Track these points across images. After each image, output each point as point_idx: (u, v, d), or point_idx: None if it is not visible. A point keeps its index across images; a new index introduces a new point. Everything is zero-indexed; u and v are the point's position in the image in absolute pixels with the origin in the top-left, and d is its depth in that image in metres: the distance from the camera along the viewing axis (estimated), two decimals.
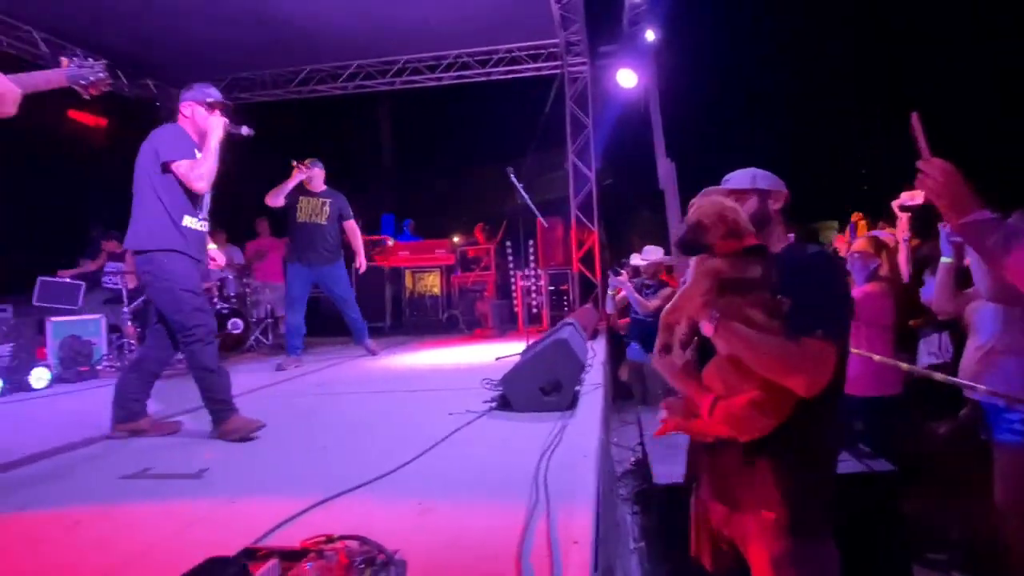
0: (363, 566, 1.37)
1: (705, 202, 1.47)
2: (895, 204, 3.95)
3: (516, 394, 3.09)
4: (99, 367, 5.49)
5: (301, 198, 5.47)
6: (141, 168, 2.95)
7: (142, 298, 5.87)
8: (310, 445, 2.75)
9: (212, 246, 3.47)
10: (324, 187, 5.60)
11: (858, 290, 3.57)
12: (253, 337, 6.78)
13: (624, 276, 5.21)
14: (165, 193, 2.92)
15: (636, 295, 5.04)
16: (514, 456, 2.36)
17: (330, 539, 1.45)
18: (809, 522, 1.42)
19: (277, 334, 7.33)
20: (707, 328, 1.40)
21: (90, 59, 1.75)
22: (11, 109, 1.40)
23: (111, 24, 7.00)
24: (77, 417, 3.65)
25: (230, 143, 3.12)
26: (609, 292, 5.59)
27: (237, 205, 8.21)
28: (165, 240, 2.89)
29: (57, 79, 1.58)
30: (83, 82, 1.68)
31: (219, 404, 2.89)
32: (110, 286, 6.59)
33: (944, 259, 2.55)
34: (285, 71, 9.05)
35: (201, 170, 2.90)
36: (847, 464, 3.11)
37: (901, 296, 3.49)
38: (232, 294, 6.63)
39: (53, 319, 5.42)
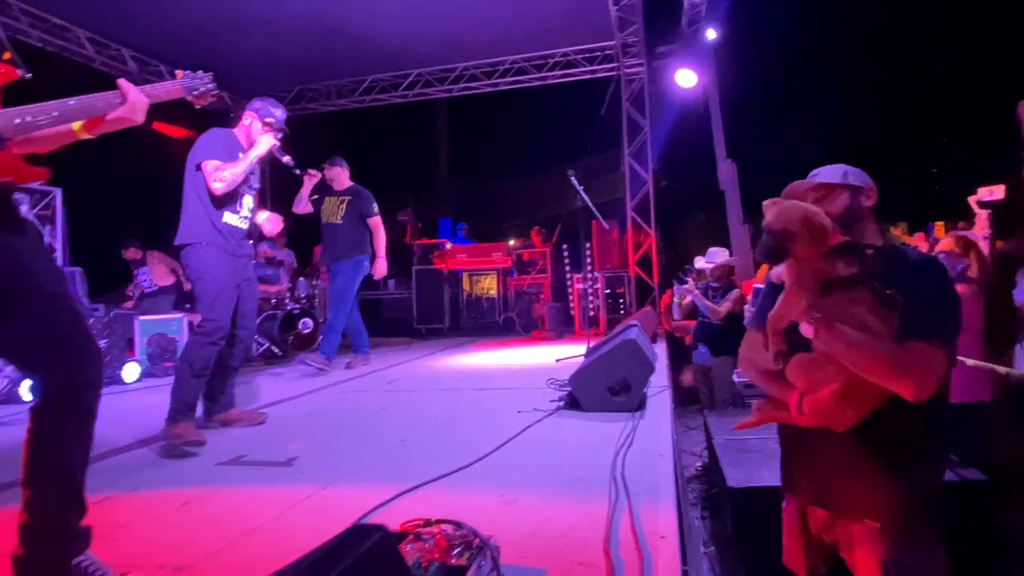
0: (460, 549, 1.44)
1: (786, 207, 1.43)
2: (972, 200, 3.76)
3: (584, 394, 3.12)
4: None
5: (326, 199, 5.33)
6: (186, 168, 3.06)
7: None
8: (389, 439, 2.86)
9: (263, 215, 3.40)
10: (348, 184, 5.38)
11: None
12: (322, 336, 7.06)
13: (690, 283, 5.09)
14: (202, 191, 2.99)
15: (706, 302, 4.91)
16: (588, 453, 2.39)
17: (428, 522, 1.53)
18: (918, 530, 1.37)
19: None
20: (807, 330, 1.38)
21: (200, 71, 1.89)
22: (140, 118, 1.54)
23: (190, 41, 7.46)
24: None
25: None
26: (675, 300, 5.48)
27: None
28: (200, 235, 2.98)
29: (175, 90, 1.72)
30: (195, 93, 1.82)
31: (182, 404, 2.85)
32: (146, 288, 7.02)
33: None
34: (349, 81, 9.39)
35: (224, 172, 2.94)
36: None
37: (992, 298, 3.32)
38: (303, 295, 6.93)
39: (140, 318, 5.81)
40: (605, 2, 7.40)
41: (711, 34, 7.65)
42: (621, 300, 8.12)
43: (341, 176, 5.37)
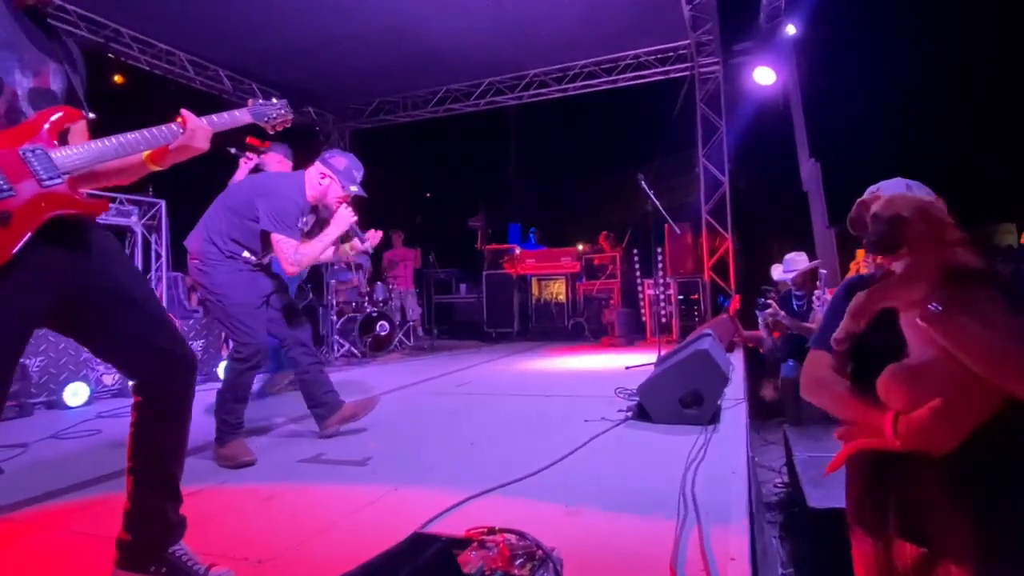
0: (523, 560, 1.45)
1: (896, 196, 1.36)
2: None
3: (654, 405, 3.06)
4: None
5: None
6: (240, 200, 2.86)
7: (304, 302, 6.57)
8: (459, 442, 2.93)
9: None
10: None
11: None
12: (397, 338, 7.32)
13: (773, 307, 4.63)
14: (248, 232, 2.84)
15: (800, 324, 4.43)
16: (656, 467, 2.35)
17: (492, 531, 1.56)
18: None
19: (416, 336, 7.87)
20: (924, 317, 1.26)
21: (273, 97, 1.98)
22: (204, 145, 1.62)
23: (279, 59, 7.94)
24: (257, 406, 4.18)
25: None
26: (760, 323, 5.07)
27: (374, 218, 8.93)
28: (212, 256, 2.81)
29: (243, 117, 1.82)
30: (266, 119, 1.92)
31: (227, 426, 2.75)
32: None
33: None
34: (424, 93, 9.68)
35: (301, 257, 2.80)
36: None
37: None
38: (380, 299, 7.22)
39: None
40: (678, 2, 7.24)
41: (791, 29, 7.31)
42: (696, 307, 7.89)
43: (278, 164, 4.42)
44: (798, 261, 4.65)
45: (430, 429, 3.22)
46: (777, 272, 4.87)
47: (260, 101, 1.93)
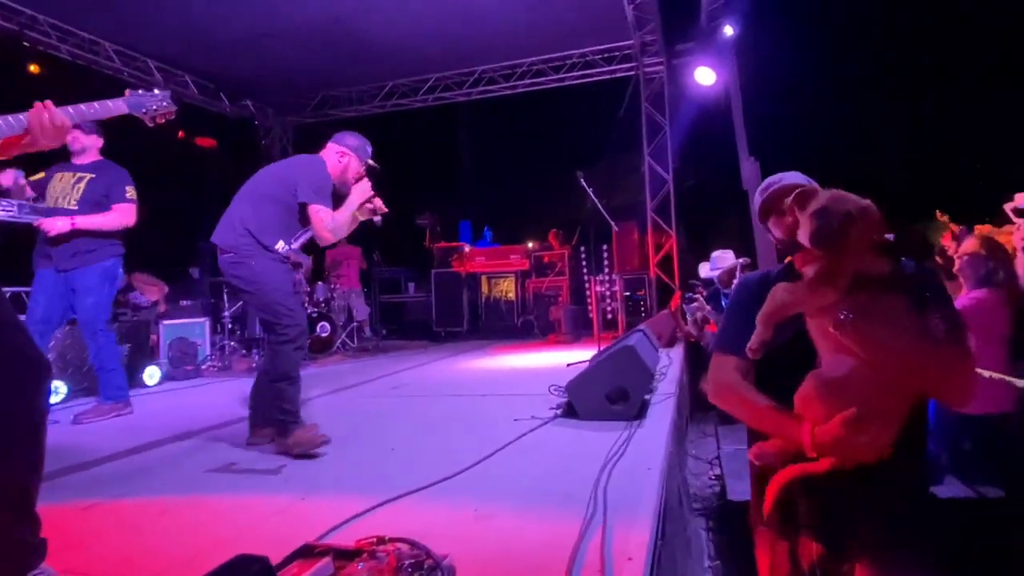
0: (411, 570, 1.40)
1: (838, 193, 1.33)
2: (1008, 208, 3.55)
3: (582, 401, 3.05)
4: (203, 367, 5.98)
5: (57, 173, 3.76)
6: (274, 183, 2.90)
7: (239, 303, 6.34)
8: (380, 446, 2.84)
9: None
10: (97, 158, 3.87)
11: (967, 296, 3.23)
12: (340, 340, 7.14)
13: (699, 301, 4.77)
14: (282, 217, 2.88)
15: (719, 317, 4.65)
16: (576, 465, 2.32)
17: (382, 540, 1.49)
18: (922, 559, 1.30)
19: (362, 337, 7.69)
20: (836, 325, 1.26)
21: (155, 89, 1.84)
22: (51, 143, 1.49)
23: (215, 51, 7.64)
24: (179, 412, 4.00)
25: None
26: (688, 318, 5.20)
27: None
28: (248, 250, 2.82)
29: (117, 108, 1.68)
30: (144, 111, 1.77)
31: (291, 415, 2.76)
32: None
33: None
34: (370, 87, 9.49)
35: (333, 224, 2.85)
36: (952, 488, 2.82)
37: (1019, 305, 3.12)
38: (321, 299, 7.02)
39: (165, 323, 5.96)
40: (621, 1, 7.30)
41: (729, 31, 7.47)
42: (642, 303, 7.98)
43: (85, 143, 3.80)
44: (725, 259, 4.72)
45: (351, 434, 3.11)
46: (705, 270, 4.95)
47: (140, 91, 1.79)
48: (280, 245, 2.88)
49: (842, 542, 1.36)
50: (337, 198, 2.99)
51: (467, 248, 9.31)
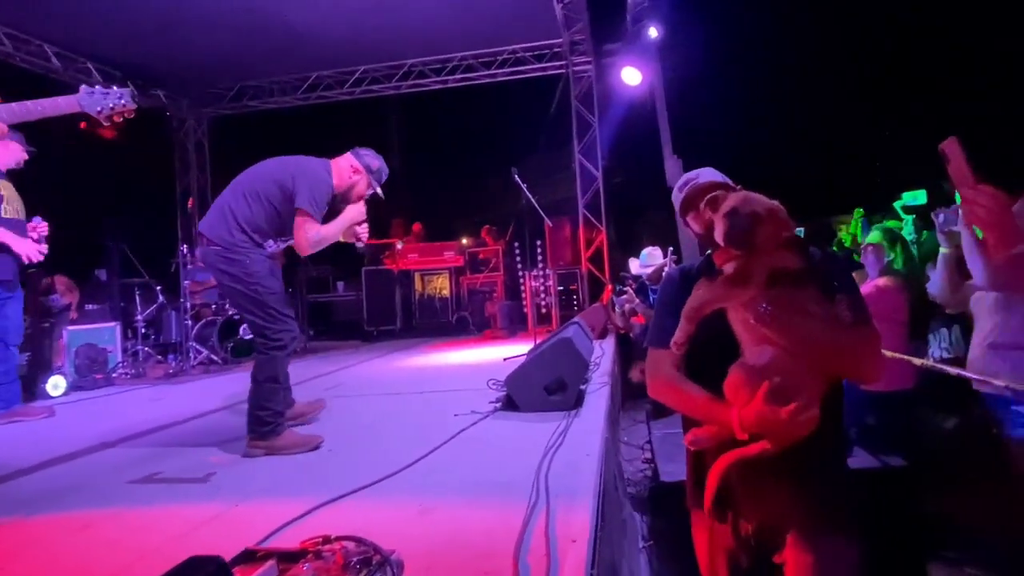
0: (359, 566, 1.38)
1: (747, 195, 1.40)
2: (902, 206, 3.89)
3: (521, 394, 3.09)
4: (114, 375, 5.58)
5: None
6: (272, 186, 2.77)
7: (153, 306, 5.97)
8: (323, 448, 2.77)
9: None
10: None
11: (870, 284, 3.52)
12: None
13: (629, 294, 4.97)
14: (273, 218, 2.78)
15: (647, 309, 4.75)
16: (517, 456, 2.36)
17: (327, 540, 1.46)
18: (844, 524, 1.41)
19: None
20: (756, 318, 1.34)
21: (113, 86, 1.70)
22: None
23: (121, 37, 7.11)
24: (92, 423, 3.72)
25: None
26: (616, 310, 5.37)
27: None
28: (239, 246, 2.73)
29: (68, 106, 1.55)
30: (100, 109, 1.63)
31: (272, 418, 2.69)
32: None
33: (942, 250, 2.51)
34: (293, 78, 9.14)
35: (317, 237, 2.76)
36: (860, 459, 3.08)
37: (915, 290, 3.43)
38: None
39: (69, 328, 5.51)
40: (550, 0, 7.40)
41: (653, 32, 7.74)
42: (574, 296, 8.15)
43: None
44: (655, 256, 4.89)
45: None
46: (635, 266, 5.12)
47: (97, 88, 1.65)
48: (268, 243, 2.83)
49: (774, 519, 1.45)
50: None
51: (400, 245, 9.17)
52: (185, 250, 6.16)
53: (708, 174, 1.71)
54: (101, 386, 5.25)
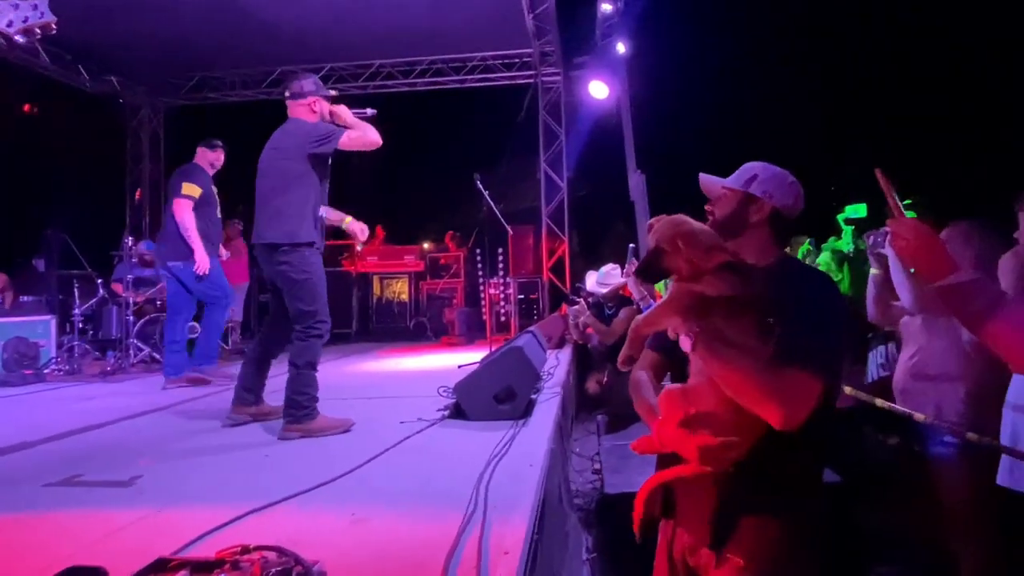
0: None
1: (665, 222, 1.33)
2: (844, 219, 4.02)
3: (469, 402, 3.05)
4: (46, 371, 5.29)
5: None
6: (283, 160, 3.00)
7: (93, 300, 5.71)
8: (252, 453, 2.67)
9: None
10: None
11: None
12: None
13: (581, 304, 5.00)
14: (311, 186, 3.02)
15: (598, 324, 4.77)
16: (460, 465, 2.32)
17: (246, 549, 1.40)
18: (779, 568, 1.30)
19: (235, 339, 7.15)
20: (685, 343, 1.29)
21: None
22: None
23: (72, 16, 6.81)
24: (13, 421, 3.51)
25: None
26: (570, 321, 5.38)
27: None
28: (305, 235, 2.96)
29: None
30: (7, 22, 1.45)
31: (308, 402, 2.88)
32: None
33: (872, 271, 2.60)
34: (256, 71, 8.93)
35: (366, 134, 3.09)
36: None
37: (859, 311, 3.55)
38: None
39: None
40: (521, 10, 7.45)
41: (621, 48, 7.87)
42: (535, 306, 8.15)
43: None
44: (612, 276, 4.83)
45: (222, 442, 2.90)
46: (591, 281, 5.10)
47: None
48: (323, 210, 3.14)
49: (713, 537, 1.39)
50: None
51: (359, 247, 9.02)
52: (130, 243, 5.91)
53: (734, 175, 1.49)
54: (31, 382, 4.97)
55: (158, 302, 6.08)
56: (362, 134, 3.10)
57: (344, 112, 3.20)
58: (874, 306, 2.64)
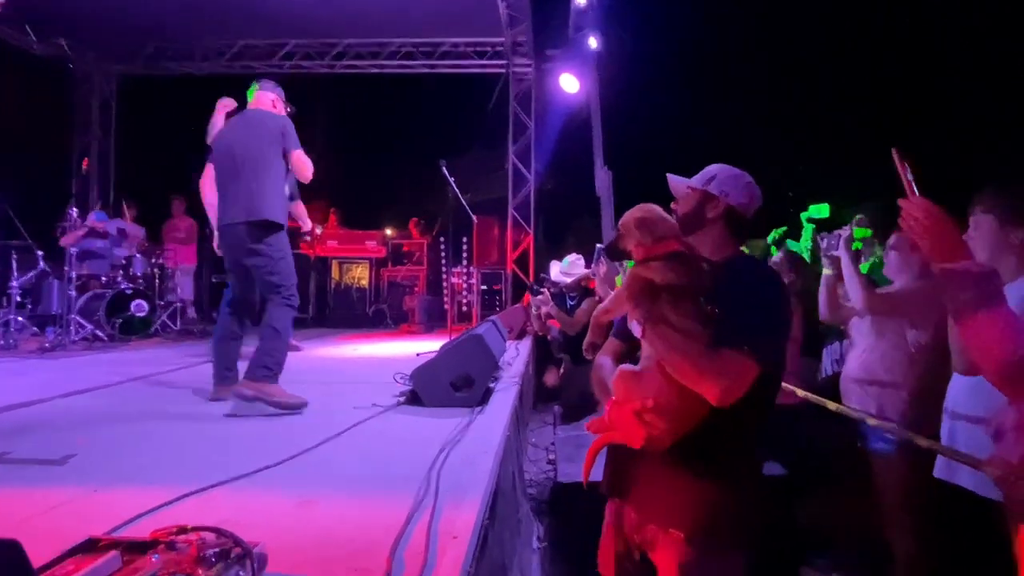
0: (215, 559, 1.27)
1: (634, 209, 1.44)
2: (807, 217, 4.13)
3: (426, 389, 3.02)
4: None
5: None
6: (264, 145, 3.20)
7: (32, 272, 5.42)
8: (198, 434, 2.58)
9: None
10: None
11: None
12: (159, 321, 6.33)
13: (545, 294, 5.03)
14: (284, 175, 3.29)
15: (561, 314, 4.82)
16: (412, 450, 2.29)
17: (183, 530, 1.34)
18: (721, 540, 1.39)
19: (186, 319, 6.88)
20: (636, 329, 1.38)
21: None
22: None
23: None
24: None
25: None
26: (532, 311, 5.40)
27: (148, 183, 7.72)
28: (282, 217, 3.20)
29: None
30: None
31: (275, 367, 3.00)
32: None
33: (824, 271, 2.69)
34: (217, 44, 8.60)
35: (308, 161, 3.34)
36: None
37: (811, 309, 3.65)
38: (139, 274, 6.19)
39: None
40: None
41: (593, 43, 7.88)
42: (497, 296, 8.15)
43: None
44: (576, 266, 4.89)
45: (166, 423, 2.80)
46: (555, 271, 5.13)
47: None
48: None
49: (655, 515, 1.45)
50: None
51: (319, 229, 8.82)
52: (75, 214, 5.63)
53: (699, 175, 1.58)
54: None
55: (103, 277, 5.82)
56: (305, 159, 3.33)
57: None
58: (825, 306, 2.73)
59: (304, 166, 3.29)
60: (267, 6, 7.36)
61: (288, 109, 3.50)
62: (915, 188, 1.27)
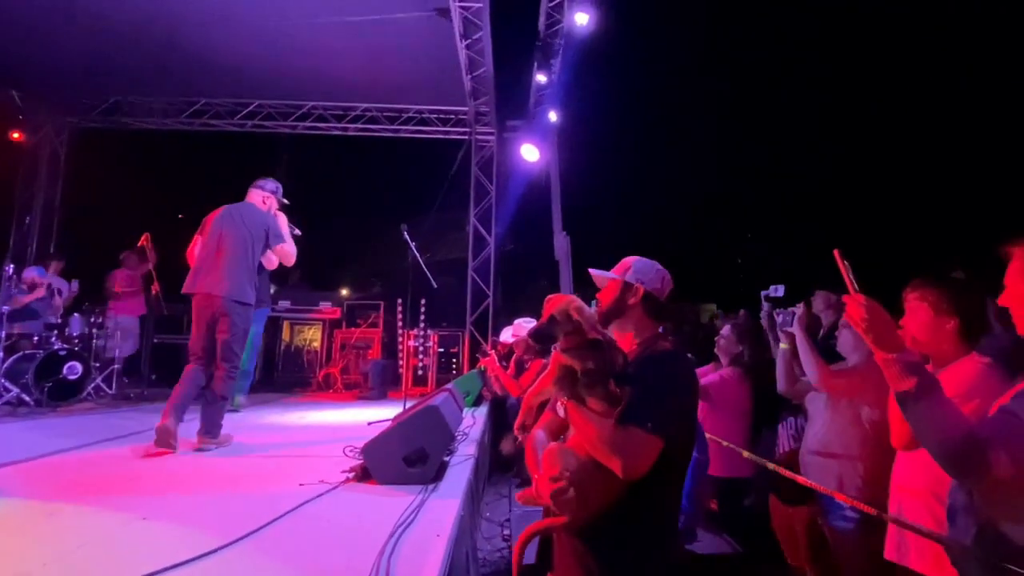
0: None
1: (562, 299, 1.60)
2: (763, 294, 4.27)
3: (377, 464, 2.88)
4: None
5: None
6: (251, 235, 3.86)
7: None
8: (127, 516, 2.37)
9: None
10: None
11: (715, 374, 3.76)
12: (92, 385, 5.90)
13: (492, 357, 5.10)
14: (258, 259, 3.91)
15: (504, 376, 4.90)
16: (362, 535, 2.15)
17: None
18: None
19: (122, 383, 6.43)
20: (560, 409, 1.54)
21: None
22: None
23: None
24: None
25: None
26: (489, 374, 5.42)
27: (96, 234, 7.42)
28: (252, 297, 3.84)
29: None
30: None
31: (218, 424, 3.73)
32: None
33: (781, 346, 2.76)
34: (178, 101, 8.57)
35: (290, 251, 4.09)
36: (699, 544, 3.17)
37: (766, 381, 3.71)
38: (75, 334, 5.81)
39: None
40: (460, 70, 7.67)
41: (553, 116, 8.23)
42: (454, 360, 8.03)
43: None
44: (525, 328, 4.99)
45: (94, 501, 2.56)
46: (506, 334, 5.17)
47: None
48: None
49: None
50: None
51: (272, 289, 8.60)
52: (11, 271, 5.32)
53: (618, 265, 1.80)
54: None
55: (35, 337, 5.46)
56: (289, 249, 4.01)
57: (283, 222, 4.07)
58: (783, 378, 2.79)
59: (287, 256, 3.96)
60: (232, 66, 7.44)
61: (281, 203, 4.14)
62: (855, 285, 1.40)
